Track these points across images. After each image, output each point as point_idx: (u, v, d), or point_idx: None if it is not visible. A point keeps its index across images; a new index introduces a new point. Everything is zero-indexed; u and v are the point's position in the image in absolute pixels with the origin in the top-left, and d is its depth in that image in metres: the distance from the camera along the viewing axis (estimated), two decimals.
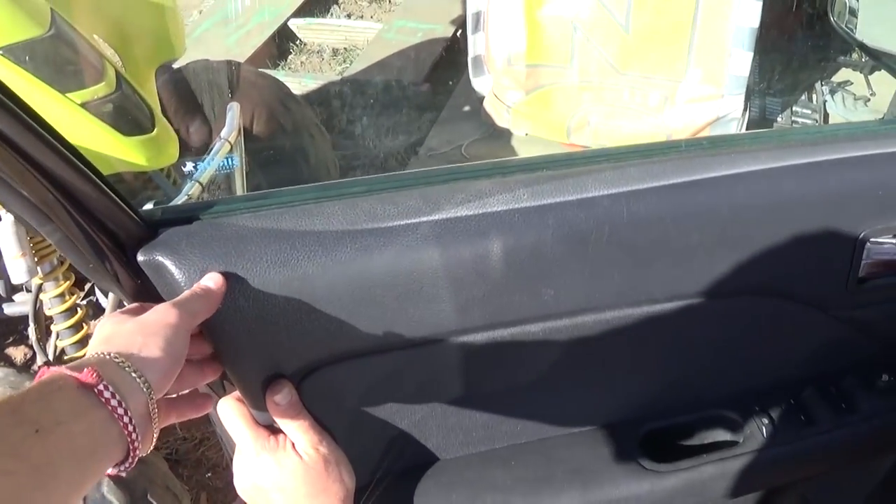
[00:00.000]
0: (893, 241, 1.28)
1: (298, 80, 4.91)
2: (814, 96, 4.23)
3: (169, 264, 0.96)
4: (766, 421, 1.41)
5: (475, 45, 3.93)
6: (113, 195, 0.93)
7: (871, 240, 1.26)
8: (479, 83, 4.01)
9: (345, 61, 5.31)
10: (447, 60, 4.94)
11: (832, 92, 4.18)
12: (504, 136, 4.04)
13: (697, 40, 3.59)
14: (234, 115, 2.84)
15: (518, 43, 3.78)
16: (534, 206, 1.09)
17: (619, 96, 3.75)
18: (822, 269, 1.28)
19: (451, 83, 4.74)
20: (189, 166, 2.73)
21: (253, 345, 1.03)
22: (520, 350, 1.20)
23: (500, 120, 3.95)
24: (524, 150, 4.00)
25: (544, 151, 3.83)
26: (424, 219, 1.06)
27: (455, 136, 4.22)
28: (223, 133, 2.72)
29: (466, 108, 4.39)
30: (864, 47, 2.35)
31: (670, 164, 1.17)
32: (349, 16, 5.93)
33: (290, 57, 5.48)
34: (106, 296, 2.67)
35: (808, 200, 1.21)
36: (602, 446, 1.37)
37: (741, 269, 1.21)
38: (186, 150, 2.86)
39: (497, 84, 3.90)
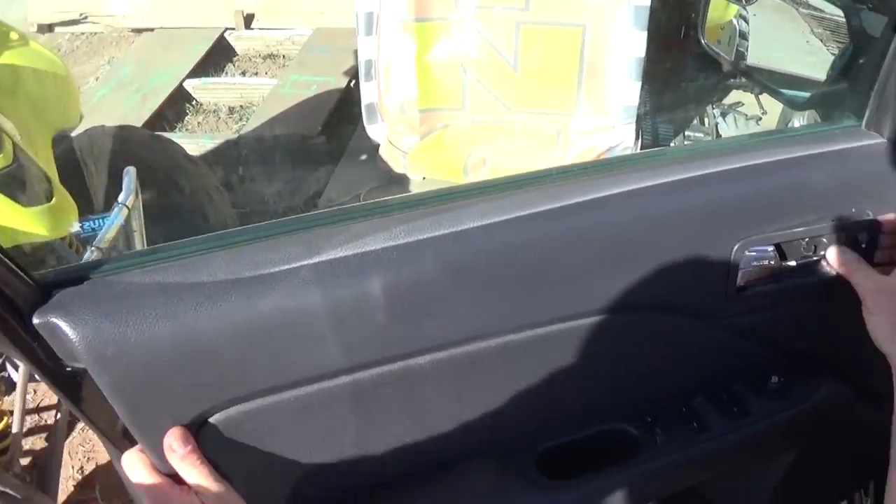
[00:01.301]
0: (768, 249, 1.32)
1: (196, 140, 4.89)
2: (706, 119, 4.31)
3: (63, 326, 0.97)
4: (659, 430, 1.43)
5: (368, 93, 3.94)
6: (6, 260, 0.94)
7: (748, 249, 1.29)
8: (373, 131, 4.01)
9: (241, 119, 5.30)
10: (342, 111, 4.95)
11: (723, 114, 4.26)
12: (402, 181, 4.05)
13: (585, 74, 3.64)
14: (130, 179, 2.87)
15: (409, 89, 3.79)
16: (411, 241, 1.11)
17: (512, 134, 3.78)
18: (702, 280, 1.30)
19: (347, 133, 4.73)
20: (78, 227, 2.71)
21: (148, 397, 1.04)
22: (410, 384, 1.21)
23: (397, 166, 3.95)
24: None
25: None
26: (305, 262, 1.08)
27: (353, 185, 4.22)
28: (120, 198, 2.76)
29: (363, 157, 4.39)
30: (739, 68, 2.39)
31: (543, 191, 1.20)
32: (244, 73, 5.93)
33: (187, 118, 5.46)
34: (17, 369, 2.64)
35: (684, 215, 1.25)
36: (501, 469, 1.39)
37: (622, 286, 1.24)
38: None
39: (391, 130, 3.91)
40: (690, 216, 1.25)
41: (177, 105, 5.53)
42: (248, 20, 6.26)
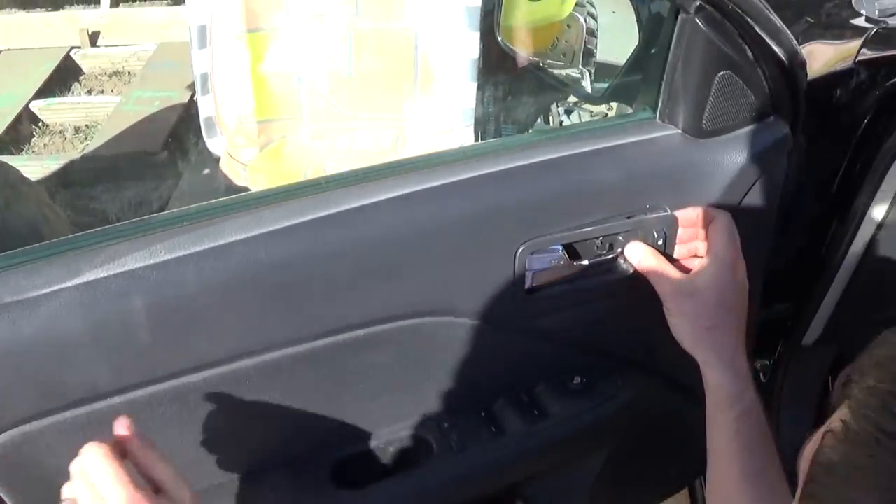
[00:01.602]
0: (552, 251, 1.31)
1: (41, 162, 4.80)
2: (550, 118, 4.31)
3: None
4: (455, 437, 1.42)
5: (205, 106, 3.87)
6: None
7: (534, 251, 1.28)
8: (213, 144, 3.95)
9: (87, 138, 5.19)
10: (185, 126, 4.87)
11: (568, 111, 4.26)
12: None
13: (420, 77, 3.63)
14: None
15: (246, 101, 3.73)
16: (171, 259, 1.10)
17: (351, 142, 3.75)
18: (486, 285, 1.29)
19: (190, 148, 4.67)
20: None
21: None
22: (186, 401, 1.21)
23: (238, 179, 3.88)
24: None
25: None
26: (66, 285, 1.07)
27: (196, 200, 4.12)
28: None
29: (206, 171, 4.34)
30: (532, 64, 2.37)
31: (308, 201, 1.18)
32: (90, 92, 5.80)
33: (33, 140, 5.31)
34: None
35: (458, 219, 1.23)
36: (294, 480, 1.38)
37: (398, 294, 1.23)
38: None
39: (230, 143, 3.86)
40: (465, 220, 1.24)
41: (23, 127, 5.37)
42: (94, 38, 6.13)
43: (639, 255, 1.32)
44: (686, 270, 1.32)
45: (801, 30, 1.36)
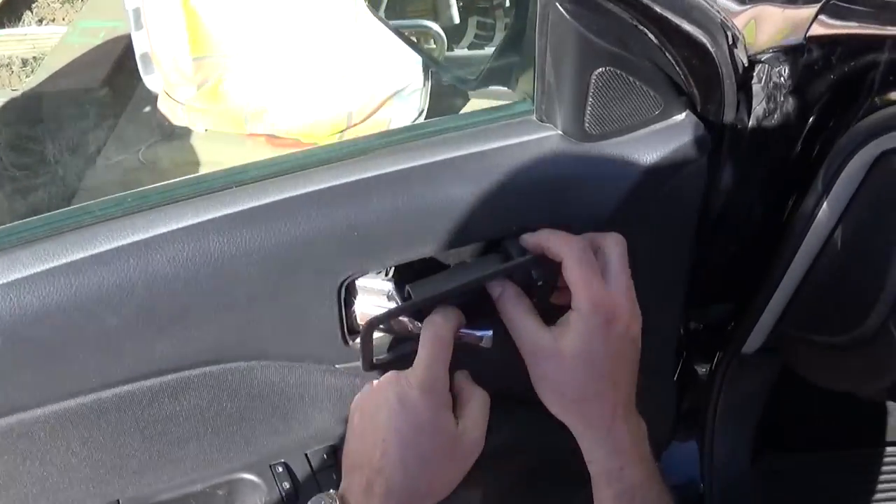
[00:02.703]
0: (374, 282, 1.08)
1: None
2: None
3: None
4: (287, 485, 1.23)
5: (139, 42, 3.72)
6: None
7: (360, 286, 1.07)
8: (150, 81, 3.81)
9: (33, 72, 5.00)
10: (127, 60, 4.62)
11: None
12: (184, 134, 3.84)
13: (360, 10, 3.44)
14: None
15: (179, 37, 3.55)
16: None
17: (290, 80, 3.57)
18: (305, 327, 1.07)
19: (131, 84, 4.46)
20: None
21: None
22: None
23: (176, 118, 3.74)
24: (205, 147, 3.84)
25: (225, 146, 3.67)
26: None
27: (134, 140, 3.99)
28: None
29: (147, 109, 4.16)
30: (403, 38, 2.10)
31: (71, 237, 0.99)
32: (41, 21, 5.60)
33: None
34: None
35: (266, 250, 1.00)
36: None
37: (191, 341, 1.04)
38: None
39: (167, 81, 3.70)
40: (271, 252, 1.01)
41: None
42: None
43: (495, 294, 1.01)
44: (555, 318, 1.00)
45: None
